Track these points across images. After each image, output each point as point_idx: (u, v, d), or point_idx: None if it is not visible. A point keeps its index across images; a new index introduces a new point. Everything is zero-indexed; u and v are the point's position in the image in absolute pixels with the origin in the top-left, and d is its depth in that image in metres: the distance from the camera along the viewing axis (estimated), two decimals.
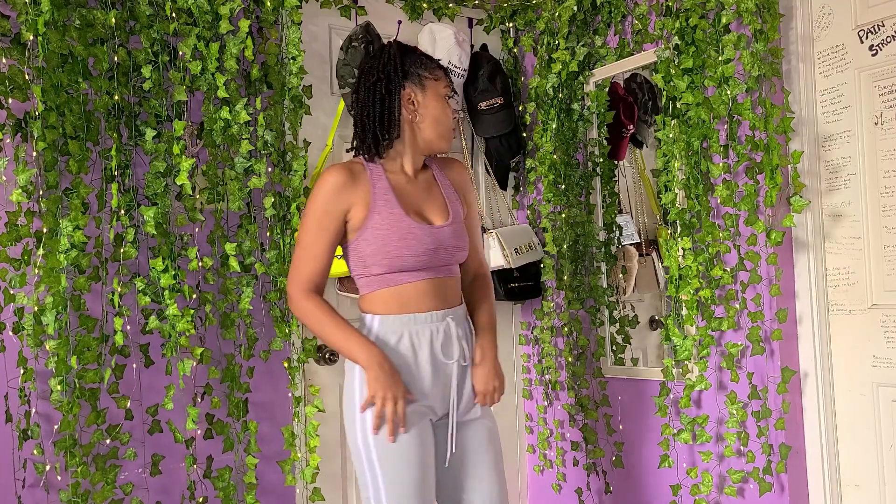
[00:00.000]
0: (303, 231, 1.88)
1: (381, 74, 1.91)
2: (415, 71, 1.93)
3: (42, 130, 2.04)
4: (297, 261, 1.87)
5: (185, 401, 2.31)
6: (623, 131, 2.82)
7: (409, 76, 1.92)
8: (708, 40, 2.35)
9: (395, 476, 1.81)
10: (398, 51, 1.94)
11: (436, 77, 1.95)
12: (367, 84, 1.93)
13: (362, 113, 1.93)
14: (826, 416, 2.30)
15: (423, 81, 1.93)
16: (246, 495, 2.30)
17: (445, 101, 1.96)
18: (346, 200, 1.86)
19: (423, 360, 1.88)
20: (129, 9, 2.21)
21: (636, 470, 2.69)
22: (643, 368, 2.71)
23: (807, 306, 2.31)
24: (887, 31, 2.18)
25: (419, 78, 1.93)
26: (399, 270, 1.87)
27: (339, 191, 1.85)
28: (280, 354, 2.50)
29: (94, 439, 2.11)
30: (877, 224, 2.22)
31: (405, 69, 1.92)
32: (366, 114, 1.92)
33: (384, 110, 1.90)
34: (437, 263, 1.90)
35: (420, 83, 1.93)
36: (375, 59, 1.94)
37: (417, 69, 1.93)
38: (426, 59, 1.97)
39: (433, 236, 1.89)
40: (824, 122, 2.32)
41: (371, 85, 1.91)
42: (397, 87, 1.91)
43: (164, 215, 2.20)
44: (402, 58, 1.93)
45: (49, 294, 2.04)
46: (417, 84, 1.92)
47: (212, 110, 2.29)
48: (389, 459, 1.82)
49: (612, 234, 2.80)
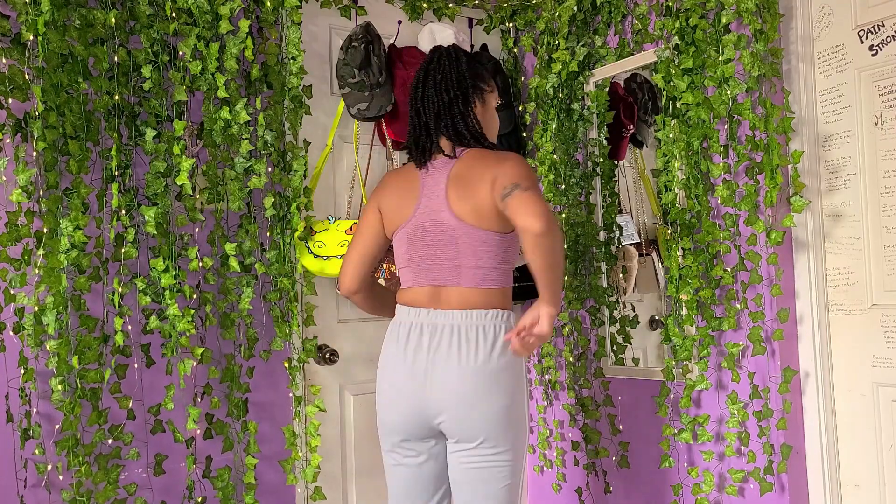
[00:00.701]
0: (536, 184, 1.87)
1: (458, 91, 2.00)
2: (478, 84, 2.05)
3: (42, 130, 2.04)
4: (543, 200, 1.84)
5: (186, 401, 2.31)
6: (623, 131, 2.82)
7: (475, 90, 2.04)
8: (708, 40, 2.35)
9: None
10: (466, 65, 2.03)
11: (491, 88, 2.09)
12: (441, 98, 2.00)
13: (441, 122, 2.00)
14: (826, 416, 2.30)
15: (484, 95, 2.06)
16: (245, 495, 2.30)
17: (496, 111, 2.11)
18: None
19: None
20: (129, 9, 2.21)
21: (636, 470, 2.69)
22: (643, 368, 2.71)
23: (807, 306, 2.32)
24: (887, 31, 2.19)
25: (481, 92, 2.05)
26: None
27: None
28: (280, 354, 2.50)
29: (97, 439, 2.11)
30: (877, 224, 2.22)
31: (472, 83, 2.03)
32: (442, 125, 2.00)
33: (465, 123, 2.00)
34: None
35: (482, 97, 2.06)
36: (446, 71, 2.01)
37: (479, 82, 2.05)
38: (481, 67, 2.07)
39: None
40: (824, 122, 2.32)
41: (448, 101, 2.00)
42: (471, 103, 2.02)
43: (165, 215, 2.20)
44: (470, 70, 2.03)
45: (49, 294, 2.04)
46: (480, 99, 2.05)
47: (212, 110, 2.29)
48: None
49: (612, 234, 2.80)
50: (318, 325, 2.61)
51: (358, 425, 2.69)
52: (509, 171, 1.87)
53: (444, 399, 1.89)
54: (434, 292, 1.97)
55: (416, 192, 2.00)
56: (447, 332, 1.91)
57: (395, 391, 1.96)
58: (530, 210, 1.78)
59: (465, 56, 2.05)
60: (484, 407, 1.89)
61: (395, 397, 1.96)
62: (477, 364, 1.89)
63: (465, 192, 1.93)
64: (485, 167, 1.92)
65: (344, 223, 2.50)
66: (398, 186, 2.06)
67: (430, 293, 1.97)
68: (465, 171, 1.94)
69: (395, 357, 1.97)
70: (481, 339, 1.91)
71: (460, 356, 1.89)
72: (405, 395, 1.94)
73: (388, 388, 1.98)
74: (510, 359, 1.92)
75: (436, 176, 1.98)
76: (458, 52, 2.05)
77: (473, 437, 1.90)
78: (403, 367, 1.94)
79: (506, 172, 1.87)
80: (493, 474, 1.91)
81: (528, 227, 1.77)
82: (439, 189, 1.95)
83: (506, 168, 1.88)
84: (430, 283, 1.97)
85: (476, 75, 2.05)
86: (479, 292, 1.93)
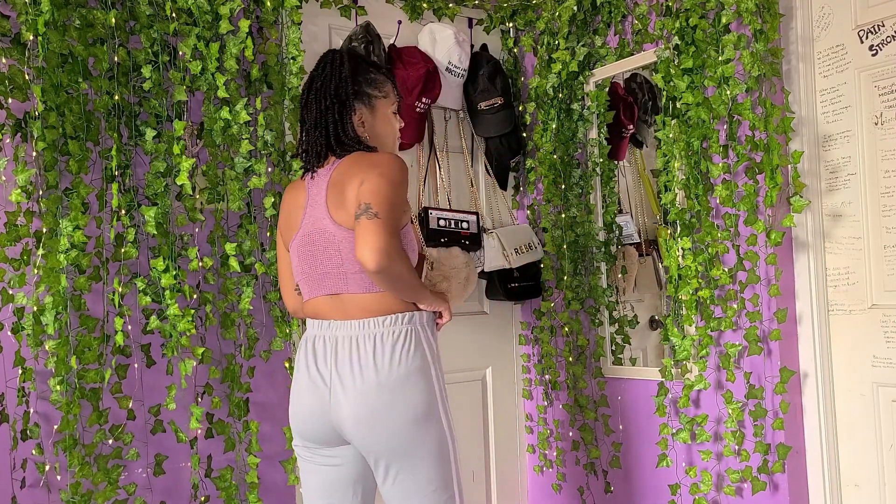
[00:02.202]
0: (391, 207, 1.75)
1: (334, 99, 1.88)
2: (364, 90, 1.91)
3: (42, 130, 2.03)
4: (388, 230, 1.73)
5: (187, 401, 2.31)
6: (623, 131, 2.82)
7: (359, 96, 1.90)
8: (708, 40, 2.35)
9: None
10: (350, 71, 1.90)
11: (384, 94, 1.95)
12: (319, 105, 1.89)
13: (316, 131, 1.90)
14: (826, 416, 2.30)
15: (373, 101, 1.93)
16: (248, 494, 2.30)
17: (393, 117, 1.97)
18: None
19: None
20: (129, 9, 2.21)
21: (635, 469, 2.70)
22: (642, 368, 2.71)
23: (807, 306, 2.32)
24: (887, 31, 2.19)
25: (368, 98, 1.92)
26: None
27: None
28: (280, 354, 2.50)
29: (97, 439, 2.11)
30: (877, 224, 2.23)
31: (356, 89, 1.90)
32: (318, 133, 1.89)
33: (338, 132, 1.88)
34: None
35: (370, 104, 1.92)
36: (327, 77, 1.90)
37: (367, 88, 1.91)
38: (374, 72, 1.94)
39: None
40: (824, 122, 2.32)
41: (324, 109, 1.89)
42: (349, 110, 1.89)
43: (165, 215, 2.20)
44: (353, 77, 1.90)
45: (49, 294, 2.04)
46: (367, 105, 1.92)
47: (212, 110, 2.29)
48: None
49: (611, 234, 2.80)
50: None
51: None
52: (371, 183, 1.78)
53: (348, 422, 1.80)
54: (331, 301, 1.87)
55: (303, 203, 1.93)
56: (346, 345, 1.82)
57: (304, 410, 1.88)
58: (368, 243, 1.70)
59: (354, 61, 1.94)
60: (389, 425, 1.78)
61: (305, 417, 1.88)
62: (377, 378, 1.78)
63: (340, 198, 1.83)
64: (356, 172, 1.82)
65: None
66: (289, 200, 1.98)
67: (328, 303, 1.87)
68: (340, 176, 1.85)
69: (299, 374, 1.90)
70: (378, 349, 1.79)
71: (361, 372, 1.79)
72: (315, 415, 1.85)
73: (296, 406, 1.90)
74: (414, 365, 1.81)
75: (319, 184, 1.89)
76: (345, 56, 1.94)
77: (382, 457, 1.80)
78: (308, 385, 1.86)
79: (368, 183, 1.78)
80: (412, 493, 1.81)
81: (362, 261, 1.70)
82: (321, 197, 1.87)
83: (371, 177, 1.79)
84: (325, 293, 1.88)
85: (365, 80, 1.93)
86: (372, 297, 1.83)
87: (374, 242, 1.70)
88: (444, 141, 2.94)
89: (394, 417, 1.77)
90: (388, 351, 1.79)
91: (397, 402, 1.77)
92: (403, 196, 1.82)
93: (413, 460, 1.79)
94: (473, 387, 2.96)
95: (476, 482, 2.93)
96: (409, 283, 1.79)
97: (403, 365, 1.79)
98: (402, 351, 1.80)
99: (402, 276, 1.76)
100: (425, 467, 1.80)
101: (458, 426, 2.90)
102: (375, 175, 1.79)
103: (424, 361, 1.82)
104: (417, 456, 1.79)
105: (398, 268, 1.73)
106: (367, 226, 1.72)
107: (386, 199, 1.76)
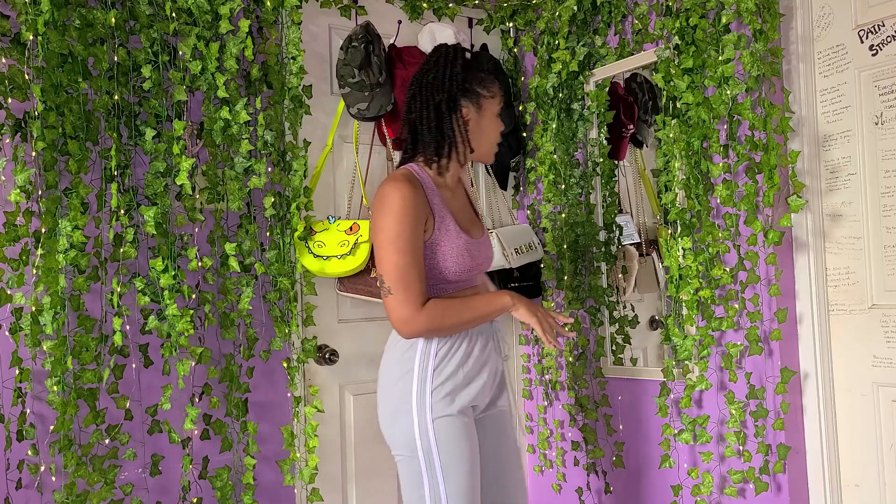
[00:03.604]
0: (398, 254, 1.81)
1: (443, 93, 1.93)
2: (473, 88, 1.95)
3: (41, 130, 2.04)
4: (408, 283, 1.81)
5: (184, 401, 2.30)
6: (623, 131, 2.81)
7: (467, 93, 1.95)
8: (708, 40, 2.35)
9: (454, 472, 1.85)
10: (462, 67, 1.95)
11: (492, 94, 1.99)
12: (425, 98, 1.94)
13: (419, 124, 1.95)
14: (826, 416, 2.29)
15: (480, 100, 1.97)
16: (244, 496, 2.30)
17: (497, 118, 2.02)
18: (423, 213, 1.86)
19: (474, 359, 1.93)
20: (129, 9, 2.21)
21: (637, 470, 2.69)
22: (643, 368, 2.71)
23: (807, 306, 2.31)
24: (887, 31, 2.18)
25: (477, 96, 1.96)
26: (458, 281, 1.94)
27: (419, 206, 1.84)
28: (279, 354, 2.50)
29: (94, 440, 2.11)
30: (877, 224, 2.22)
31: (465, 86, 1.94)
32: (423, 127, 1.95)
33: (441, 127, 1.93)
34: (480, 272, 2.03)
35: (477, 101, 1.96)
36: (438, 71, 1.94)
37: (476, 86, 1.96)
38: (485, 73, 1.98)
39: (481, 249, 1.99)
40: (824, 122, 2.32)
41: (434, 103, 1.93)
42: (456, 105, 1.94)
43: (164, 215, 2.20)
44: (464, 74, 1.94)
45: (47, 294, 2.04)
46: (474, 103, 1.96)
47: (212, 110, 2.29)
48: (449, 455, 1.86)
49: (612, 234, 2.80)
50: (318, 325, 2.60)
51: (358, 426, 2.68)
52: (372, 229, 1.89)
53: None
54: None
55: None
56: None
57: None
58: (392, 320, 1.85)
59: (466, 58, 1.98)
60: (380, 409, 1.96)
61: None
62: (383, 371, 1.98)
63: None
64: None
65: (344, 223, 2.50)
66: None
67: None
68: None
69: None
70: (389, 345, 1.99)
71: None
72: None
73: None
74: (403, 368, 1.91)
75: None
76: (458, 52, 1.98)
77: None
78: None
79: (372, 229, 1.89)
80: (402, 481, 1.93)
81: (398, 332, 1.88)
82: None
83: (373, 218, 1.89)
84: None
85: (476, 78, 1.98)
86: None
87: (395, 318, 1.83)
88: None
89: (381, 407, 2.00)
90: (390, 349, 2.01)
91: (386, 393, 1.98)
92: (406, 221, 1.82)
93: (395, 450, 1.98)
94: None
95: None
96: (455, 321, 1.87)
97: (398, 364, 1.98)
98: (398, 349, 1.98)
99: (442, 324, 1.85)
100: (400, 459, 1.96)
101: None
102: (374, 215, 1.87)
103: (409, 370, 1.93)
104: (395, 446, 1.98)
105: (426, 323, 1.83)
106: (386, 304, 1.85)
107: (388, 254, 1.82)
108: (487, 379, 1.96)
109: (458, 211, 1.99)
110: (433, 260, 1.89)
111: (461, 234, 1.92)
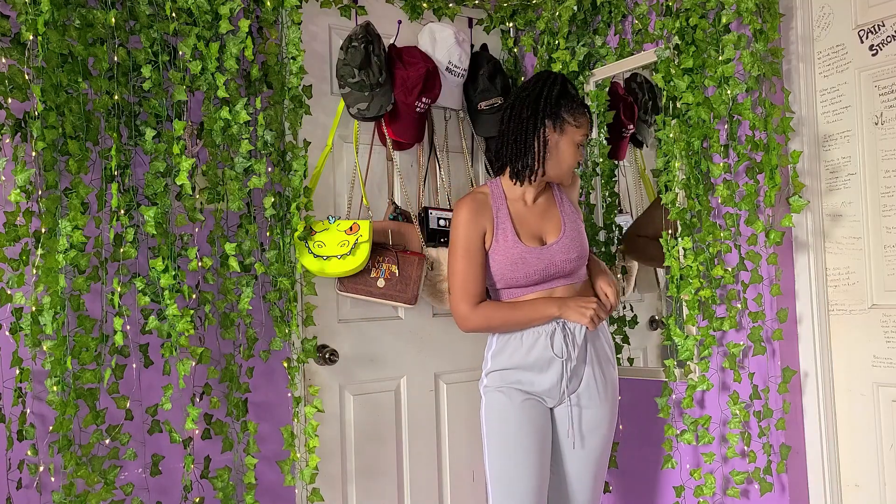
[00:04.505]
0: (454, 260, 2.15)
1: (532, 110, 2.11)
2: (561, 113, 2.11)
3: (41, 130, 2.03)
4: (462, 285, 2.14)
5: (185, 401, 2.30)
6: (623, 131, 2.81)
7: (554, 116, 2.11)
8: (708, 40, 2.35)
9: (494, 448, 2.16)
10: (558, 93, 2.11)
11: (578, 124, 2.14)
12: (516, 112, 2.14)
13: (506, 135, 2.16)
14: (826, 416, 2.29)
15: (564, 126, 2.12)
16: (245, 495, 2.30)
17: (577, 147, 2.16)
18: (480, 226, 2.15)
19: (535, 357, 2.14)
20: (129, 9, 2.21)
21: (638, 471, 2.69)
22: (643, 368, 2.71)
23: (807, 306, 2.31)
24: (887, 31, 2.18)
25: (562, 122, 2.11)
26: (512, 287, 2.17)
27: (473, 219, 2.14)
28: (279, 354, 2.49)
29: (94, 440, 2.11)
30: (877, 224, 2.22)
31: (554, 110, 2.10)
32: (509, 138, 2.15)
33: (523, 141, 2.12)
34: (548, 277, 2.16)
35: (561, 127, 2.12)
36: (535, 91, 2.12)
37: (564, 112, 2.11)
38: (578, 105, 2.13)
39: (543, 257, 2.14)
40: (824, 122, 2.32)
41: (522, 118, 2.12)
42: (541, 124, 2.11)
43: (164, 215, 2.20)
44: (557, 99, 2.11)
45: (47, 294, 2.04)
46: (558, 127, 2.12)
47: (212, 110, 2.29)
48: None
49: (611, 234, 2.80)
50: (318, 325, 2.60)
51: (358, 425, 2.68)
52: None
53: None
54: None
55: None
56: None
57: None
58: (453, 314, 2.19)
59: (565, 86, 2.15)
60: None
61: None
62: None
63: None
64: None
65: (344, 223, 2.50)
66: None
67: None
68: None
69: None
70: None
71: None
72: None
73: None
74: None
75: None
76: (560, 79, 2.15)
77: None
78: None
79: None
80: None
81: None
82: None
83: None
84: None
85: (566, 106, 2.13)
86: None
87: (453, 315, 2.18)
88: (445, 141, 2.94)
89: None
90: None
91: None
92: (461, 232, 2.14)
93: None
94: (474, 387, 2.96)
95: (476, 482, 2.93)
96: (501, 321, 2.14)
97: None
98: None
99: (490, 323, 2.15)
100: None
101: (460, 426, 2.90)
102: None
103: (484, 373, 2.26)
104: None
105: (476, 321, 2.14)
106: (448, 302, 2.34)
107: (450, 260, 2.17)
108: (552, 374, 2.14)
109: (526, 222, 2.18)
110: (491, 266, 2.16)
111: (517, 244, 2.13)
